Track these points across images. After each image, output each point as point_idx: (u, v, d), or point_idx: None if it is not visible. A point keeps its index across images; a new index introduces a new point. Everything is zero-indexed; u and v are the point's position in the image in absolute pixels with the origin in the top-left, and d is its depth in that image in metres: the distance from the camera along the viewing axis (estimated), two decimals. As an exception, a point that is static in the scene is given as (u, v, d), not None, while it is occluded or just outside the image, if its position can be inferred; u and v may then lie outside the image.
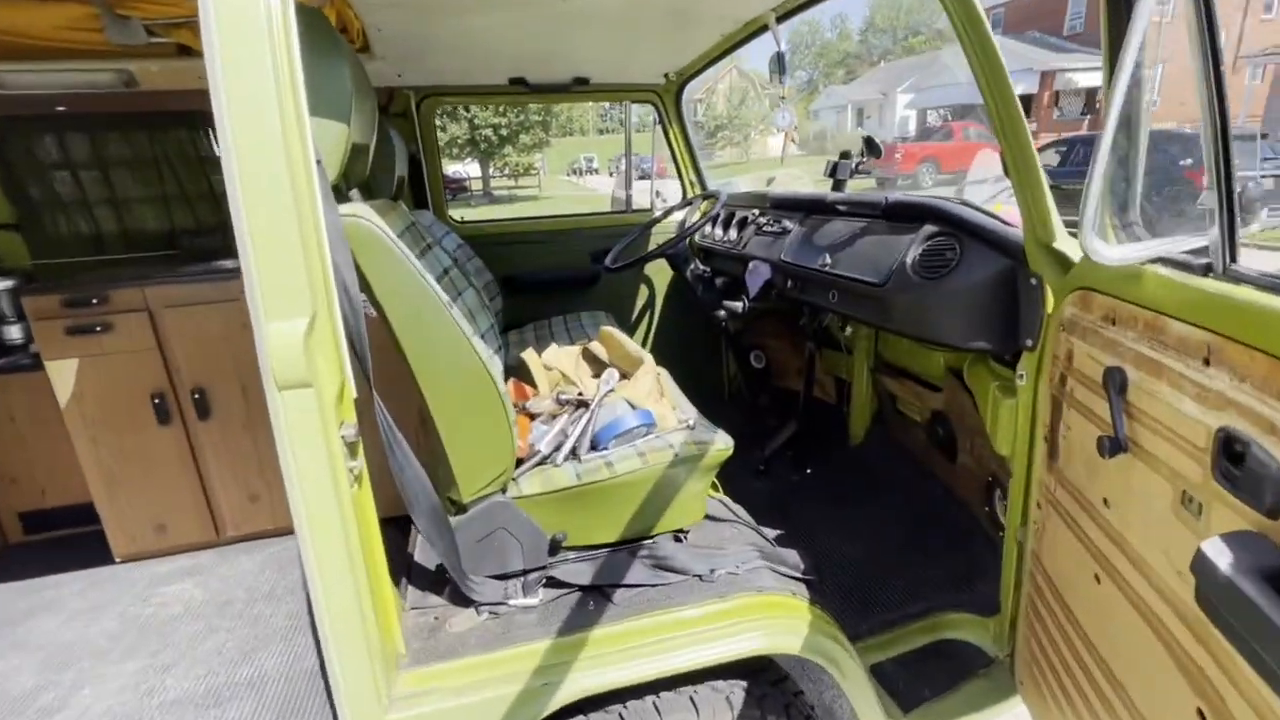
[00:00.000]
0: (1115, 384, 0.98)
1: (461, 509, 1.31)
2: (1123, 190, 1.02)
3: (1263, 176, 8.14)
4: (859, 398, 2.43)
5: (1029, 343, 1.33)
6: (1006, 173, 1.24)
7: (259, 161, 0.86)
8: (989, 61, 1.16)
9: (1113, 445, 0.96)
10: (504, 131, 23.83)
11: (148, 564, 2.20)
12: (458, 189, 25.22)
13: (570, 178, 32.04)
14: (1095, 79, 22.51)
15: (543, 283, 3.01)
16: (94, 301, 1.97)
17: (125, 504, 2.14)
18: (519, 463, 1.39)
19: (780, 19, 2.01)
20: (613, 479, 1.35)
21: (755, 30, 2.16)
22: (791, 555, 1.52)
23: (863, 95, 30.97)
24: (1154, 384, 0.90)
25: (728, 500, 1.90)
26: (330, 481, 0.95)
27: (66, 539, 2.33)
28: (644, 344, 3.22)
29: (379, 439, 1.10)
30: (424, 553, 1.50)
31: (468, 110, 22.80)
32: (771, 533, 2.07)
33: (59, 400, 2.00)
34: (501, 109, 22.99)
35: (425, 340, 1.19)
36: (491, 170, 26.24)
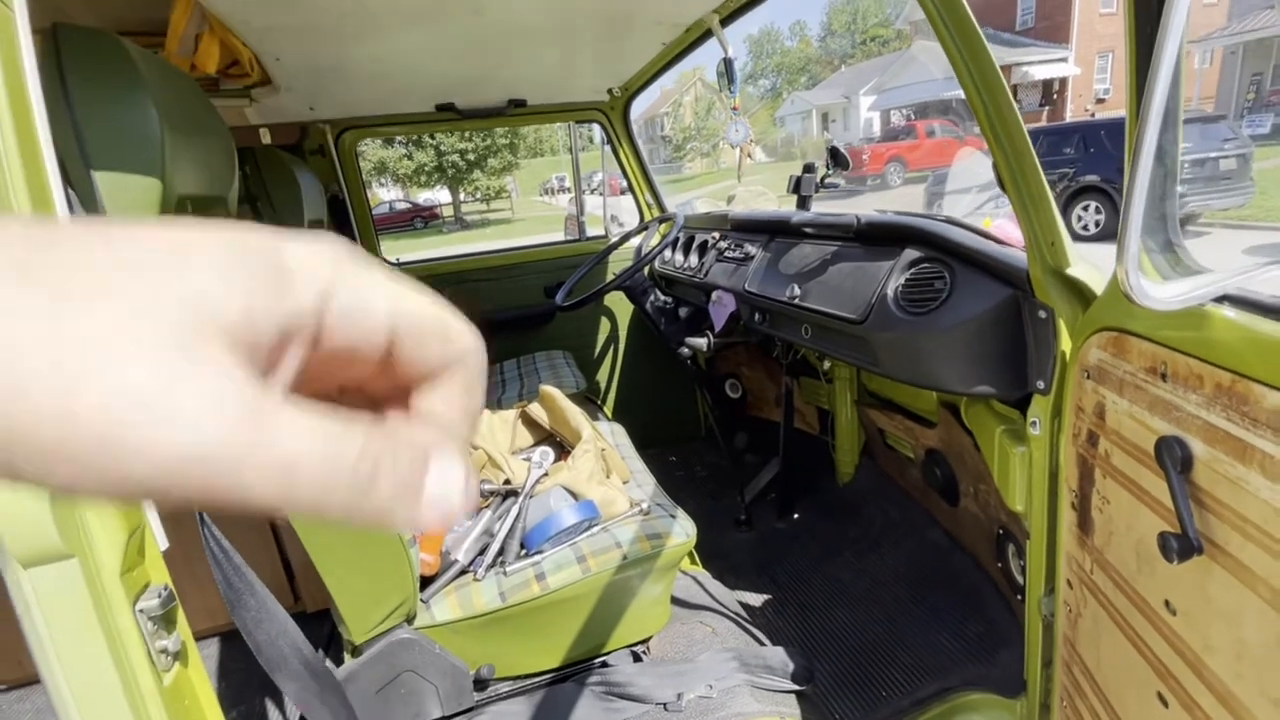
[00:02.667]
0: (1175, 460, 0.74)
1: (355, 650, 1.04)
2: (1158, 206, 0.79)
3: (1222, 157, 8.17)
4: (844, 431, 2.20)
5: (1040, 385, 1.11)
6: (1001, 185, 1.01)
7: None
8: (973, 54, 0.93)
9: (1182, 546, 0.72)
10: (471, 156, 23.63)
11: (37, 691, 1.88)
12: (430, 216, 24.97)
13: (543, 198, 31.91)
14: (1050, 71, 22.93)
15: (492, 324, 2.74)
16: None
17: (6, 625, 1.82)
18: (431, 579, 1.12)
19: (725, 21, 1.79)
20: (546, 596, 1.09)
21: (699, 36, 1.94)
22: (778, 656, 1.25)
23: (826, 100, 31.25)
24: (1238, 468, 0.66)
25: (702, 575, 1.64)
26: (119, 685, 0.67)
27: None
28: (608, 381, 2.97)
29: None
30: None
31: (432, 137, 22.61)
32: (757, 600, 1.82)
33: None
34: (468, 134, 22.80)
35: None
36: (463, 195, 25.99)
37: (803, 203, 1.85)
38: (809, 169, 1.86)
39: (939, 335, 1.17)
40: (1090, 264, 1.04)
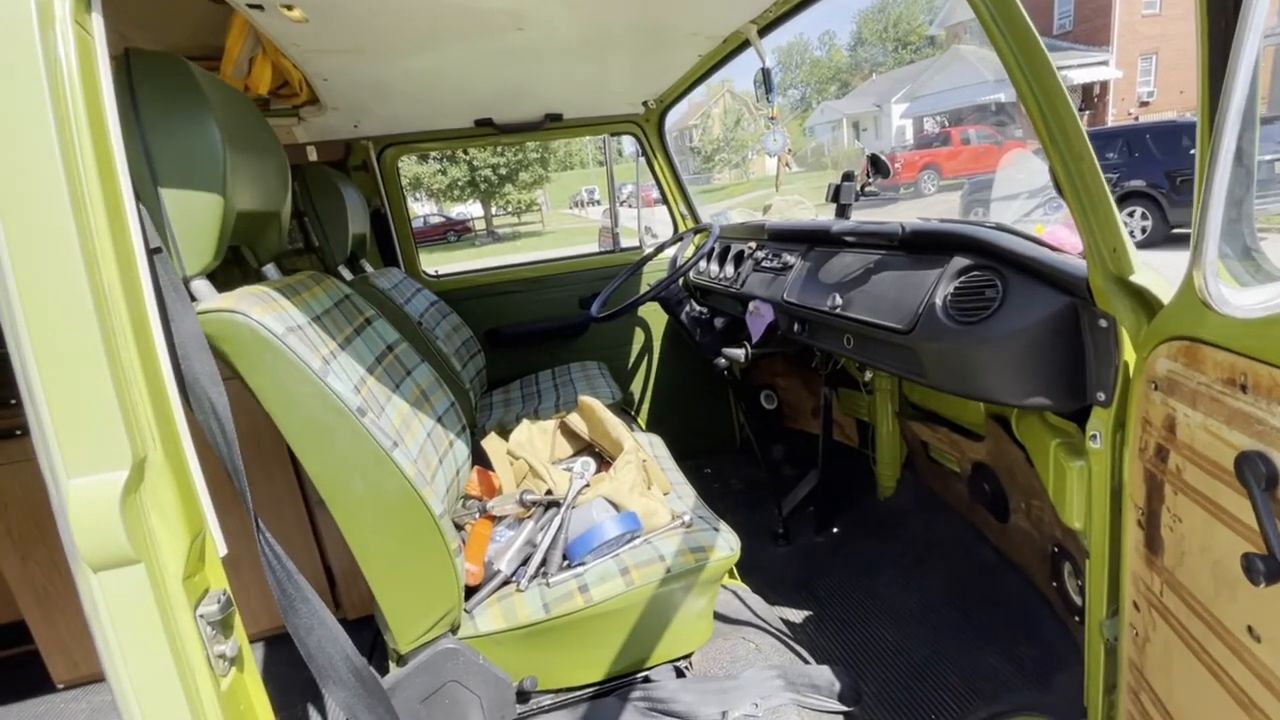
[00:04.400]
0: (1259, 477, 0.70)
1: (401, 659, 1.04)
2: (1234, 211, 0.76)
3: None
4: (885, 445, 2.14)
5: (1101, 397, 1.06)
6: (1058, 189, 0.98)
7: (42, 264, 0.62)
8: (1026, 53, 0.91)
9: (1269, 568, 0.67)
10: (503, 170, 24.07)
11: (92, 691, 1.95)
12: (462, 230, 25.45)
13: (573, 210, 32.26)
14: (1090, 74, 22.34)
15: (528, 335, 2.77)
16: (13, 402, 1.76)
17: (63, 626, 1.89)
18: (474, 589, 1.12)
19: (762, 32, 1.79)
20: (589, 608, 1.08)
21: (736, 47, 1.94)
22: (824, 675, 1.22)
23: (857, 108, 30.98)
24: (1332, 487, 0.62)
25: (742, 589, 1.61)
26: (180, 687, 0.69)
27: (8, 661, 2.09)
28: (643, 392, 2.96)
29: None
30: None
31: (466, 152, 23.10)
32: (798, 616, 1.78)
33: (-19, 513, 1.78)
34: (500, 149, 23.25)
35: (332, 459, 0.94)
36: (495, 209, 26.44)
37: (842, 211, 1.83)
38: (848, 177, 1.83)
39: (991, 345, 1.14)
40: (1154, 270, 1.00)
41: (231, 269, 2.20)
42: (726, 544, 1.20)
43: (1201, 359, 0.80)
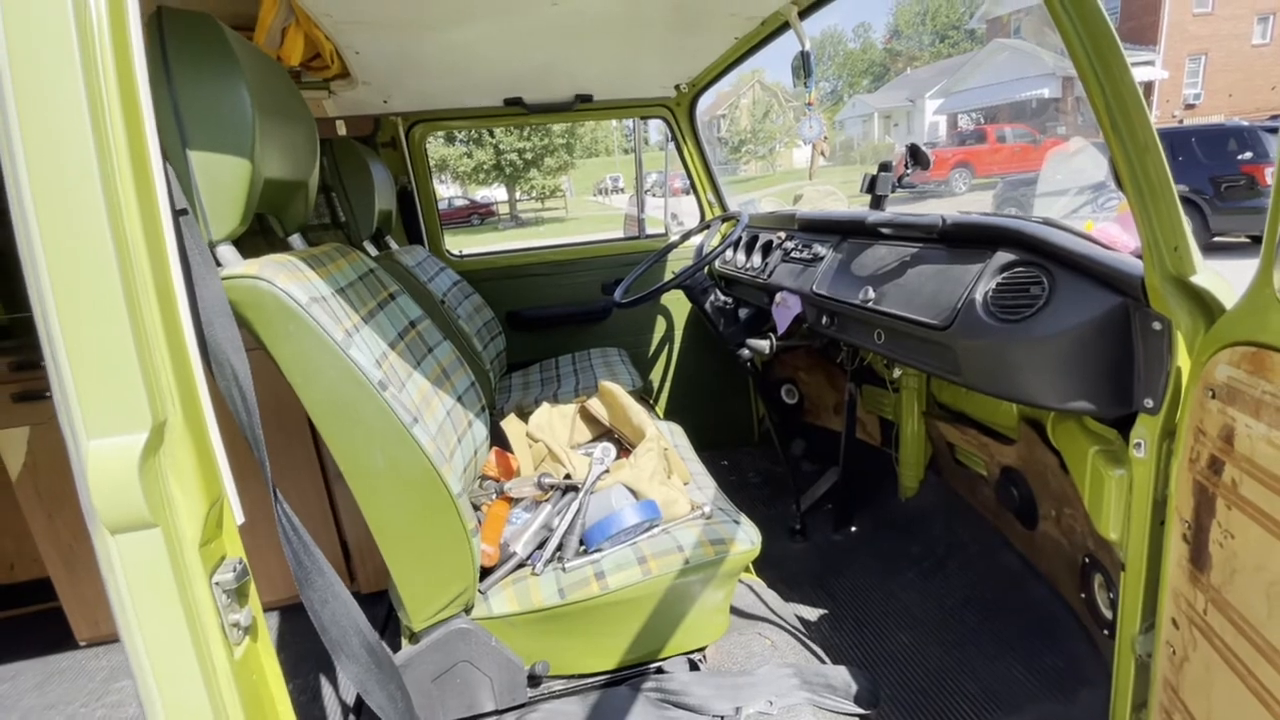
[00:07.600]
0: (1330, 495, 0.65)
1: (414, 636, 1.03)
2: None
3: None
4: (909, 445, 2.09)
5: (1149, 403, 1.01)
6: (1117, 182, 0.93)
7: (67, 219, 0.61)
8: (1088, 26, 0.86)
9: (1337, 592, 0.63)
10: (529, 155, 24.05)
11: (113, 650, 1.99)
12: (486, 214, 25.53)
13: (597, 198, 32.17)
14: (1135, 75, 21.58)
15: (549, 318, 2.76)
16: (43, 364, 1.79)
17: (87, 585, 1.93)
18: (489, 571, 1.11)
19: (803, 14, 1.73)
20: (605, 595, 1.06)
21: (773, 30, 1.89)
22: (840, 675, 1.19)
23: (889, 103, 30.38)
24: None
25: (757, 584, 1.59)
26: (193, 654, 0.68)
27: (34, 616, 2.14)
28: (662, 380, 2.93)
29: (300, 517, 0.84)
30: None
31: (492, 135, 23.10)
32: (814, 614, 1.75)
33: (10, 472, 1.81)
34: (526, 133, 23.22)
35: (352, 432, 0.93)
36: (518, 194, 26.46)
37: (877, 202, 1.77)
38: (885, 167, 1.78)
39: (1033, 345, 1.09)
40: (1214, 272, 0.94)
41: (258, 239, 2.21)
42: (747, 537, 1.18)
43: (1269, 366, 0.75)
